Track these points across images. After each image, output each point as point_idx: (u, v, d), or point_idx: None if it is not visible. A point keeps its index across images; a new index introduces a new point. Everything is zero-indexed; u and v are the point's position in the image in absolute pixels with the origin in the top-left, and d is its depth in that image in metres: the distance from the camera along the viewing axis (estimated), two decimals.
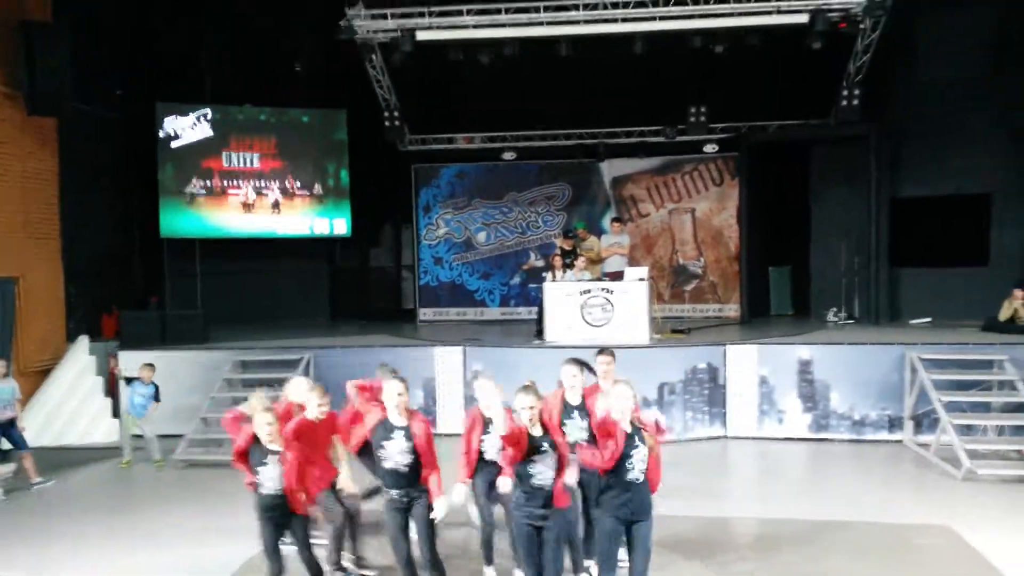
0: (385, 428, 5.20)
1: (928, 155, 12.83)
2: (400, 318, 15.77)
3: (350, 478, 6.12)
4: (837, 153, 13.62)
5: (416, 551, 5.31)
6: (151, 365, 10.07)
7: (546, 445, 4.87)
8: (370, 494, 6.51)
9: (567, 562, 5.51)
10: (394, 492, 5.22)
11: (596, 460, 4.83)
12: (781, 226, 14.79)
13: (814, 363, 10.51)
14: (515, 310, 15.50)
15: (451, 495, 5.49)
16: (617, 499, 4.88)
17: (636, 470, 4.86)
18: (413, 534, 5.32)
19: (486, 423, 5.84)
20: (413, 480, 5.20)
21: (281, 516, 5.44)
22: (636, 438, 4.88)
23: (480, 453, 5.89)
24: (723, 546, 6.84)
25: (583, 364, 5.83)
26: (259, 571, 6.37)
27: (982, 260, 12.70)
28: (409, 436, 5.17)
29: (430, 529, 5.23)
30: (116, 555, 6.85)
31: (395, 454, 5.15)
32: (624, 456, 4.81)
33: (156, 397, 9.97)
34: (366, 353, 10.95)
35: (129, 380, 10.02)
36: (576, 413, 5.67)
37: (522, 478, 4.87)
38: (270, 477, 5.37)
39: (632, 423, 4.90)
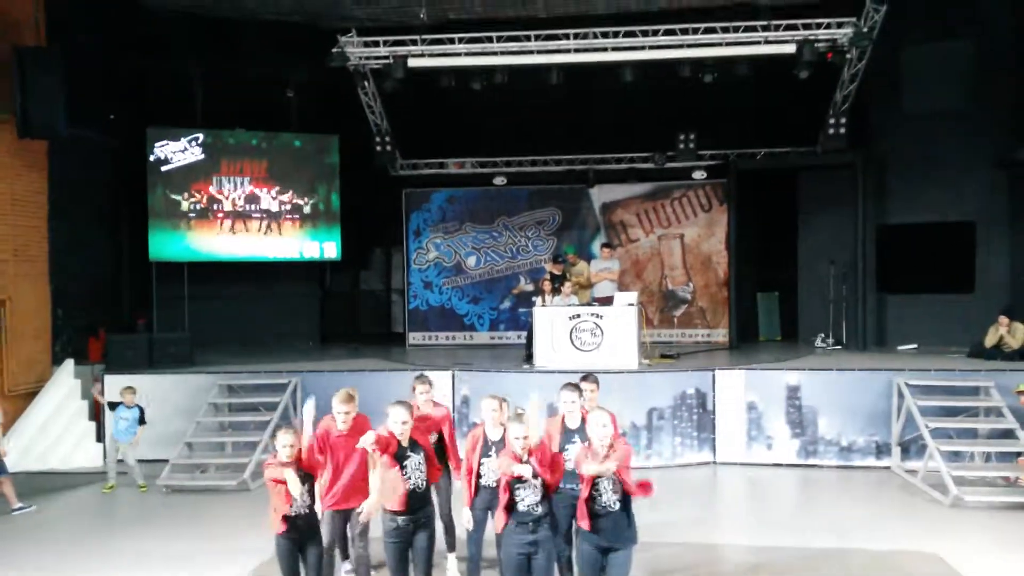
0: (402, 449, 5.19)
1: (913, 183, 12.99)
2: (390, 342, 15.74)
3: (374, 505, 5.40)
4: (824, 180, 13.76)
5: None
6: (131, 388, 10.00)
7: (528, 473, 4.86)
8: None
9: None
10: (400, 520, 5.14)
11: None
12: (769, 252, 14.91)
13: (802, 389, 10.53)
14: (504, 334, 15.51)
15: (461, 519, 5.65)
16: (591, 526, 4.84)
17: (604, 497, 4.81)
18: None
19: (487, 445, 5.79)
20: (426, 499, 5.25)
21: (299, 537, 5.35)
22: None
23: (479, 477, 5.79)
24: (712, 574, 6.81)
25: (580, 389, 5.86)
26: None
27: (968, 287, 12.82)
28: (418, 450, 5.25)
29: (430, 555, 5.24)
30: None
31: (412, 471, 5.16)
32: (592, 484, 4.78)
33: (142, 420, 9.89)
34: (355, 377, 10.90)
35: (113, 405, 9.94)
36: (576, 437, 5.66)
37: (508, 507, 4.86)
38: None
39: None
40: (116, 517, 8.88)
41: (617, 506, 4.83)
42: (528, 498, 4.85)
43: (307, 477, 5.31)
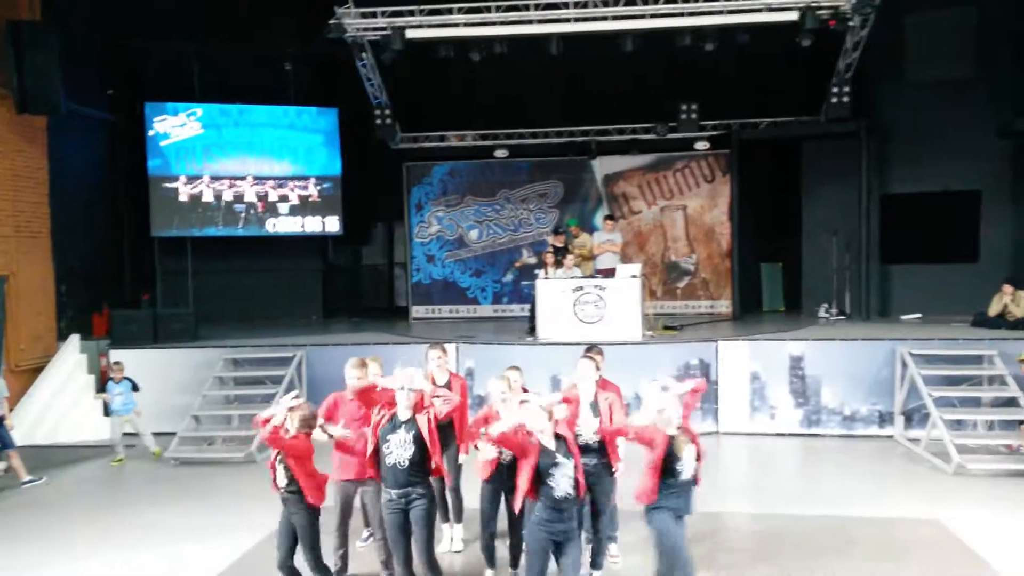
0: (393, 424, 5.16)
1: (917, 152, 12.91)
2: (393, 316, 15.78)
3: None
4: (827, 150, 13.65)
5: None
6: (119, 363, 10.15)
7: (560, 456, 4.76)
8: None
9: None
10: (393, 492, 5.13)
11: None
12: (772, 223, 14.87)
13: (805, 359, 10.56)
14: (508, 307, 15.52)
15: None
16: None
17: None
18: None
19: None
20: (414, 478, 5.11)
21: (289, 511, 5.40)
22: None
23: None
24: (716, 542, 6.87)
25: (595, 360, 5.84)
26: (252, 566, 6.41)
27: (971, 256, 12.80)
28: (412, 428, 5.13)
29: (428, 532, 5.18)
30: (109, 553, 6.84)
31: (396, 448, 5.09)
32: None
33: (134, 387, 9.95)
34: (359, 351, 10.85)
35: (102, 388, 10.06)
36: (590, 410, 5.65)
37: (543, 495, 4.75)
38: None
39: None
40: (124, 489, 8.94)
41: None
42: (562, 483, 4.73)
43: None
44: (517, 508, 5.06)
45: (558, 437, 4.85)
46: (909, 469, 9.00)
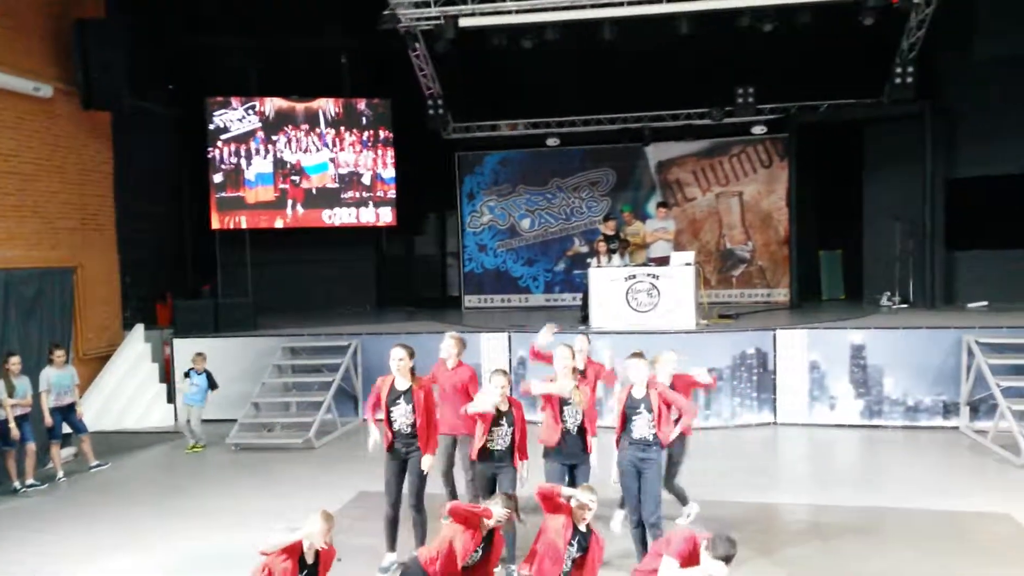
0: (393, 394, 5.98)
1: (985, 134, 12.41)
2: (445, 305, 15.85)
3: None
4: (890, 133, 13.26)
5: None
6: (202, 354, 10.38)
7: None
8: None
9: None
10: (397, 445, 6.03)
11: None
12: (832, 208, 14.50)
13: (867, 348, 10.30)
14: (560, 296, 15.47)
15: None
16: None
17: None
18: None
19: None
20: (412, 438, 5.99)
21: None
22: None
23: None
24: (776, 532, 6.77)
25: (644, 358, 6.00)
26: None
27: None
28: (410, 400, 5.93)
29: (421, 479, 6.00)
30: (172, 536, 7.04)
31: (400, 417, 5.93)
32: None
33: (212, 384, 10.22)
34: (412, 340, 10.97)
35: (186, 373, 10.31)
36: (642, 407, 5.77)
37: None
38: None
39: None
40: (186, 475, 9.19)
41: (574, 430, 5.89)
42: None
43: None
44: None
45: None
46: (976, 461, 8.72)
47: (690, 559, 4.39)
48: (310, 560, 4.63)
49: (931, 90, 12.55)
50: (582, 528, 4.93)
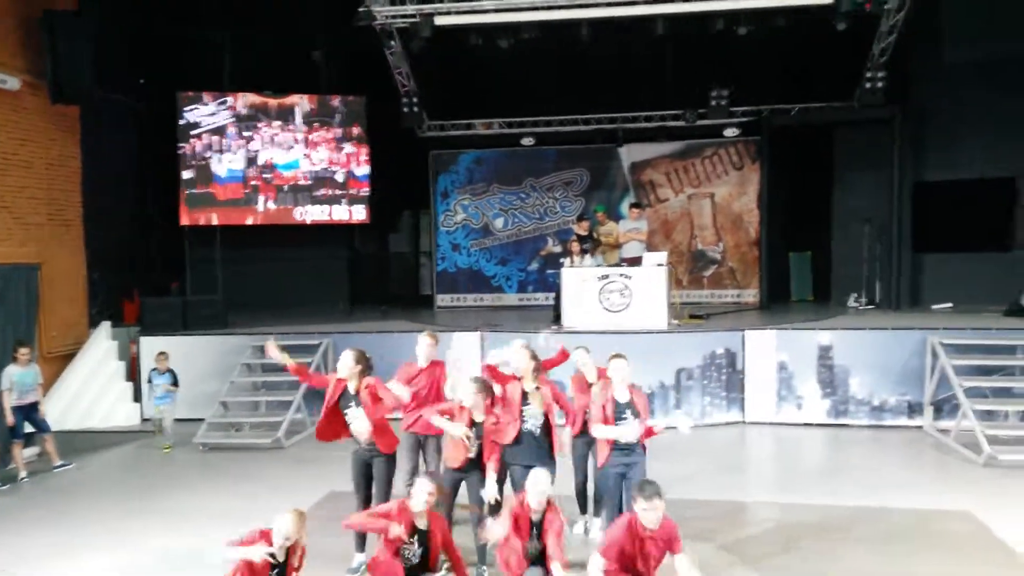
0: (345, 398, 5.98)
1: (952, 138, 12.63)
2: (418, 304, 15.81)
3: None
4: (860, 136, 13.42)
5: None
6: (164, 353, 10.27)
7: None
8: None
9: None
10: (360, 447, 6.05)
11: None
12: (802, 211, 14.65)
13: (834, 348, 10.44)
14: (533, 296, 15.50)
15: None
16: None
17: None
18: None
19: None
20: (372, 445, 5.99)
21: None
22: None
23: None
24: (744, 532, 6.83)
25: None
26: None
27: (1005, 245, 12.50)
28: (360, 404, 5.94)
29: (388, 483, 6.05)
30: (138, 537, 6.95)
31: (356, 420, 5.92)
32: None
33: (174, 382, 10.11)
34: (384, 339, 11.00)
35: (149, 379, 10.21)
36: (627, 412, 5.84)
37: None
38: None
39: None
40: (153, 474, 9.07)
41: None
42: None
43: None
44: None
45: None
46: (939, 460, 8.88)
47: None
48: (281, 558, 4.61)
49: (901, 95, 12.74)
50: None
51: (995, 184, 12.50)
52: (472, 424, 5.83)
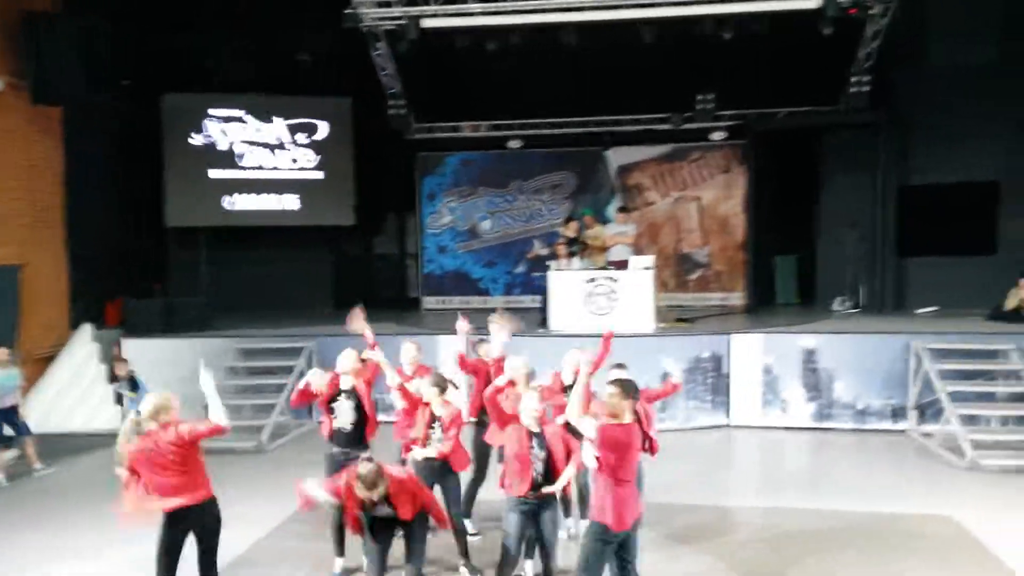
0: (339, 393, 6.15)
1: (937, 143, 12.72)
2: (404, 306, 15.73)
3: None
4: (845, 141, 13.50)
5: None
6: (124, 360, 9.98)
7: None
8: None
9: None
10: (335, 449, 6.09)
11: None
12: (788, 214, 14.67)
13: (819, 352, 10.47)
14: (519, 298, 15.44)
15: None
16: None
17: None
18: None
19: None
20: (355, 440, 6.06)
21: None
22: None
23: None
24: (729, 536, 6.83)
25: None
26: (262, 556, 6.44)
27: (989, 249, 12.61)
28: (352, 396, 6.07)
29: None
30: (118, 540, 6.87)
31: (342, 414, 6.04)
32: None
33: (133, 387, 9.64)
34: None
35: (119, 395, 9.97)
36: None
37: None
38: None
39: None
40: None
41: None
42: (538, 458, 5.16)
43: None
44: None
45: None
46: (922, 464, 8.92)
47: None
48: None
49: (886, 99, 12.81)
50: (537, 430, 5.14)
51: (979, 188, 12.61)
52: (433, 419, 5.91)
